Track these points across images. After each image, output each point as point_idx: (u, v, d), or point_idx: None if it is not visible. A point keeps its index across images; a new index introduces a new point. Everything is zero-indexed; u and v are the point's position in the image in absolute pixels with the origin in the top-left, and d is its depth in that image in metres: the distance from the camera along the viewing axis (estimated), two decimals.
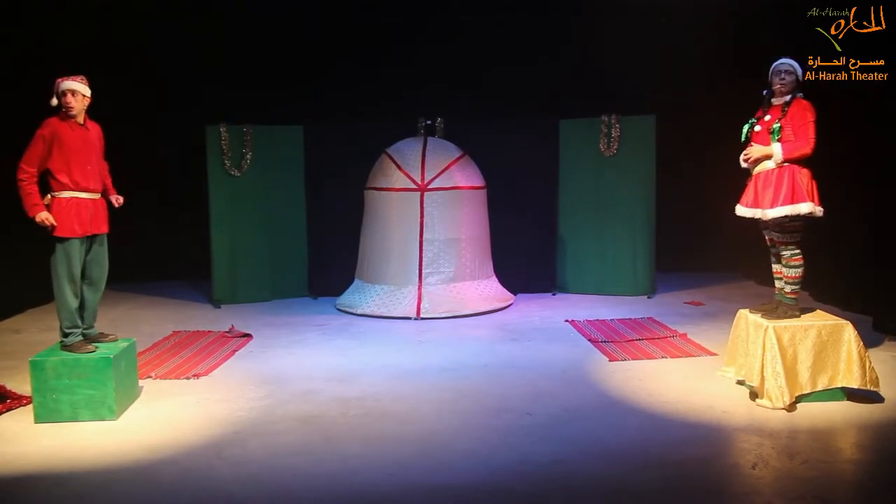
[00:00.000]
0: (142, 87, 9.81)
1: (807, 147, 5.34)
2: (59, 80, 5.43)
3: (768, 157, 5.45)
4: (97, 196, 5.56)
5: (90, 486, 4.31)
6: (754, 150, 5.52)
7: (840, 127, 7.41)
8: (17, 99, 7.91)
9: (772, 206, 5.40)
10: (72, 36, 9.07)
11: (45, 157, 5.33)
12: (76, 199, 5.41)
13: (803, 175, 5.39)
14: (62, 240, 5.35)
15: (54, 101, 5.41)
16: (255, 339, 7.51)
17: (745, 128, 5.64)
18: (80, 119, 5.50)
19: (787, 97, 5.50)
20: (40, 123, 5.39)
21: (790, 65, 5.53)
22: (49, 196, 5.39)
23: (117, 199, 5.79)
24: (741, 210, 5.67)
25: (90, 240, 5.53)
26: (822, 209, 5.41)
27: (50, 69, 5.64)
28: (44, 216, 5.30)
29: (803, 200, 5.34)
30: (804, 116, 5.38)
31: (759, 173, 5.52)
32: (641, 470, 4.40)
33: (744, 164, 5.66)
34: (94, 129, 5.63)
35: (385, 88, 10.07)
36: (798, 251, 5.51)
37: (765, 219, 5.49)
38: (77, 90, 5.43)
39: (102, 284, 5.68)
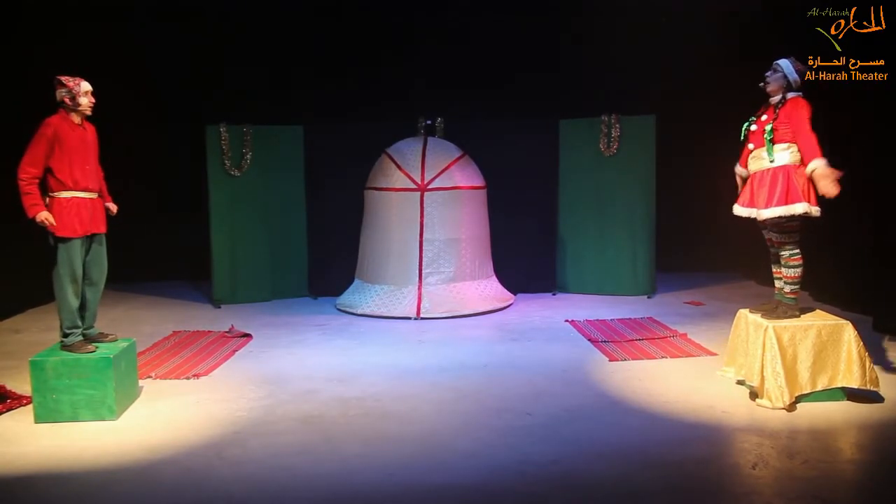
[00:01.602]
0: (142, 87, 9.81)
1: (815, 150, 5.28)
2: (76, 80, 5.43)
3: (813, 172, 5.31)
4: (95, 195, 5.55)
5: (90, 486, 4.31)
6: (830, 188, 5.24)
7: (840, 127, 7.41)
8: (17, 99, 7.92)
9: (766, 206, 5.39)
10: (71, 36, 9.08)
11: (47, 157, 5.32)
12: (76, 198, 5.40)
13: (799, 175, 5.37)
14: (64, 240, 5.34)
15: (84, 98, 5.40)
16: (255, 339, 7.51)
17: (745, 126, 5.64)
18: (80, 119, 5.50)
19: (778, 97, 5.49)
20: (39, 123, 5.36)
21: (776, 64, 5.52)
22: (47, 196, 5.38)
23: (111, 209, 5.77)
24: (738, 209, 5.66)
25: (89, 239, 5.52)
26: (819, 209, 5.37)
27: (49, 69, 5.64)
28: (44, 216, 5.29)
29: (798, 201, 5.31)
30: (801, 118, 5.34)
31: (756, 173, 5.52)
32: (641, 470, 4.40)
33: (740, 172, 5.68)
34: (90, 130, 5.63)
35: (385, 88, 10.07)
36: (797, 251, 5.50)
37: (759, 218, 5.49)
38: (91, 91, 5.48)
39: (102, 284, 5.67)
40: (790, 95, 5.46)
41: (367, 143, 9.13)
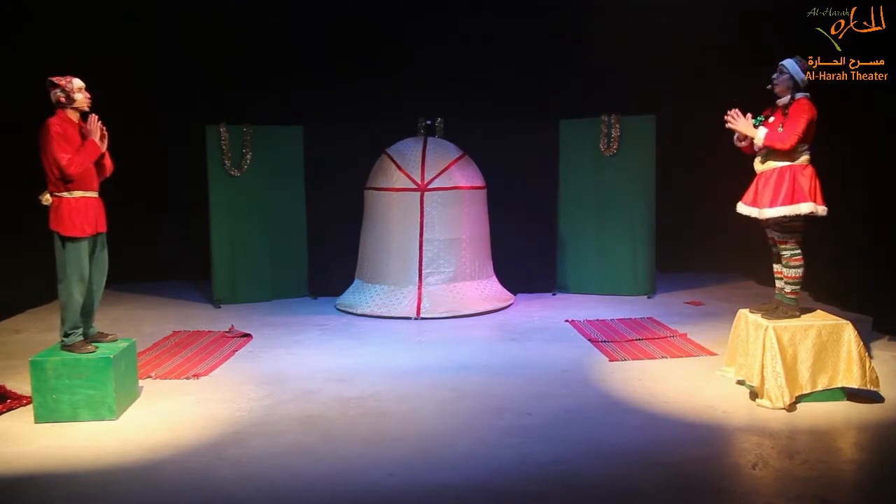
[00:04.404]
0: (142, 87, 9.81)
1: (787, 141, 5.31)
2: (67, 78, 5.42)
3: (751, 137, 5.49)
4: (97, 194, 5.55)
5: (90, 486, 4.31)
6: (740, 123, 5.53)
7: (840, 127, 7.41)
8: (16, 99, 7.91)
9: (770, 206, 5.39)
10: (71, 35, 9.07)
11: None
12: (84, 198, 5.38)
13: (806, 175, 5.37)
14: (72, 240, 5.33)
15: (79, 94, 5.39)
16: (255, 339, 7.51)
17: (754, 122, 5.61)
18: (77, 117, 5.49)
19: (787, 98, 5.48)
20: (44, 126, 5.29)
21: (781, 65, 5.50)
22: (49, 195, 5.36)
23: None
24: (741, 208, 5.65)
25: (94, 240, 5.52)
26: (825, 208, 5.38)
27: (49, 69, 5.63)
28: (95, 129, 5.38)
29: (804, 200, 5.32)
30: (799, 113, 5.34)
31: (762, 172, 5.51)
32: (641, 470, 4.40)
33: (738, 143, 5.67)
34: (85, 128, 5.60)
35: (385, 88, 10.07)
36: (798, 251, 5.49)
37: (762, 218, 5.48)
38: (84, 87, 5.46)
39: (103, 285, 5.67)
40: (798, 96, 5.44)
41: (367, 143, 9.13)
